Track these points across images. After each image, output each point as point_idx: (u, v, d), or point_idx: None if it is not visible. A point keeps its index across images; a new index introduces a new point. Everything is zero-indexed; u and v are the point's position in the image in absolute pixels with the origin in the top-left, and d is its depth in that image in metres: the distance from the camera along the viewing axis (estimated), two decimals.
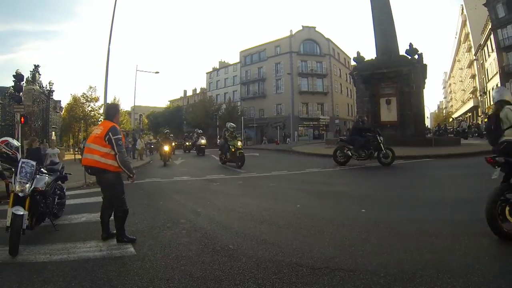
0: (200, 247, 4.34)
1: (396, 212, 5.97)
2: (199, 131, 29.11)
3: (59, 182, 6.23)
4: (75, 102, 43.98)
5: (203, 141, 24.82)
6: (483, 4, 41.38)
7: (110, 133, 4.54)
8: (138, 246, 4.43)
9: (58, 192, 6.11)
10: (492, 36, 40.95)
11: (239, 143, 14.93)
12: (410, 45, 22.69)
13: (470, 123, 48.42)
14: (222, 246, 4.35)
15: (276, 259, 3.84)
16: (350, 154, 13.04)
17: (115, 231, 4.78)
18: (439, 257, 3.63)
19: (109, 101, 19.57)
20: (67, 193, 6.84)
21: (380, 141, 12.48)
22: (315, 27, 59.35)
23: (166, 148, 18.19)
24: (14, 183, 4.60)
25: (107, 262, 3.91)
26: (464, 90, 68.34)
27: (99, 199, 5.02)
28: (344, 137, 16.31)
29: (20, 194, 4.52)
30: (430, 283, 3.04)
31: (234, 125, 16.09)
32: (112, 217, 4.87)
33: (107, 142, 4.54)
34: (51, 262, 3.96)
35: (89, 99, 42.86)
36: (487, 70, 46.74)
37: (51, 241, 4.78)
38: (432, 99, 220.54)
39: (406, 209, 6.18)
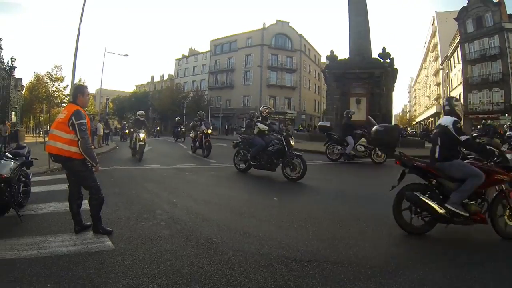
0: (183, 240, 4.15)
1: (371, 207, 6.07)
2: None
3: (24, 168, 5.76)
4: (38, 81, 41.06)
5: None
6: (454, 18, 43.83)
7: (73, 118, 4.21)
8: (116, 239, 4.14)
9: (23, 179, 5.62)
10: (459, 49, 43.21)
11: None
12: (384, 49, 23.37)
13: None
14: (205, 239, 4.18)
15: (263, 252, 3.80)
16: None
17: (88, 223, 4.50)
18: (418, 250, 3.92)
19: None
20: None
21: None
22: (288, 22, 59.24)
23: (142, 135, 13.51)
24: None
25: (84, 258, 3.59)
26: (428, 96, 70.85)
27: (66, 186, 4.65)
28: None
29: None
30: (413, 273, 3.26)
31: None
32: (82, 207, 4.57)
33: (70, 128, 4.22)
34: (20, 259, 3.58)
35: (53, 78, 39.97)
36: (451, 79, 49.31)
37: (17, 235, 4.35)
38: (397, 102, 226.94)
39: (379, 205, 6.17)
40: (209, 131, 15.05)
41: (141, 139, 13.26)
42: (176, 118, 30.36)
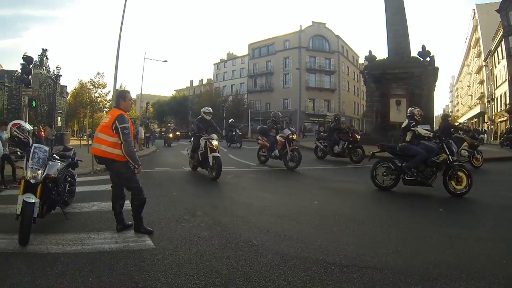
0: (223, 242, 4.15)
1: (412, 212, 5.99)
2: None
3: (70, 169, 6.01)
4: (82, 88, 43.65)
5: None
6: (496, 10, 40.83)
7: (116, 122, 4.36)
8: (156, 239, 4.22)
9: (69, 179, 5.90)
10: (503, 43, 40.33)
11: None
12: (423, 47, 22.53)
13: (475, 129, 48.54)
14: (245, 241, 4.16)
15: (303, 255, 3.74)
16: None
17: (130, 222, 4.61)
18: (460, 259, 3.67)
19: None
20: None
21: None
22: (325, 23, 59.03)
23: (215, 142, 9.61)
24: (26, 169, 4.39)
25: (125, 255, 3.69)
26: (471, 95, 67.51)
27: (109, 187, 4.81)
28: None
29: (32, 181, 4.29)
30: (455, 283, 3.07)
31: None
32: (125, 207, 4.71)
33: (114, 131, 4.37)
34: (64, 253, 3.75)
35: (96, 85, 42.34)
36: (496, 76, 46.06)
37: (62, 231, 4.57)
38: (438, 102, 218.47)
39: (419, 210, 6.18)
40: (295, 136, 11.75)
41: (215, 147, 9.40)
42: (230, 120, 28.86)
